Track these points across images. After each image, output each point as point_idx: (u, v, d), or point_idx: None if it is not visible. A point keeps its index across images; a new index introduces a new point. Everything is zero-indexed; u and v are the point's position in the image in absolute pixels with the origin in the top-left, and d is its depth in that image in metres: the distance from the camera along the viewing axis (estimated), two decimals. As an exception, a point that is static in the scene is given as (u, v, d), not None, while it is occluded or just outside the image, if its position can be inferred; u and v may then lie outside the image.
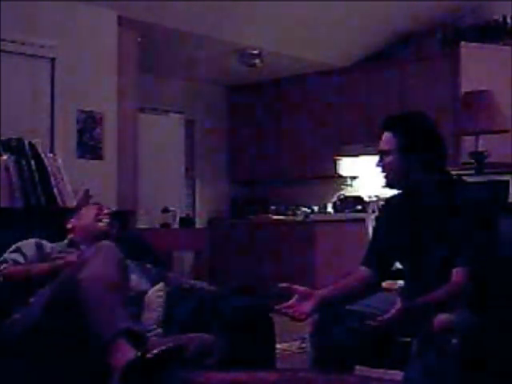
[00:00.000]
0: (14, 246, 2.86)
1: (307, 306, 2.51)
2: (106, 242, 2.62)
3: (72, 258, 2.69)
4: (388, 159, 2.63)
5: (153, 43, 6.61)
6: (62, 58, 5.76)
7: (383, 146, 2.66)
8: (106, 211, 3.11)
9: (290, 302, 2.53)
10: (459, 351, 2.32)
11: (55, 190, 3.49)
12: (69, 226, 3.08)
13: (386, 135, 2.65)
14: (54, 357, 2.35)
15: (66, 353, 2.35)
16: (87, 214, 3.08)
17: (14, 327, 2.51)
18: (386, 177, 2.67)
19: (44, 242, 2.94)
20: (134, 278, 2.91)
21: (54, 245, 2.97)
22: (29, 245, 2.88)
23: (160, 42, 6.77)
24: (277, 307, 2.50)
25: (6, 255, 2.82)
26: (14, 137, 3.55)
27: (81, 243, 2.97)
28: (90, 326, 2.30)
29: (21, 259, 2.81)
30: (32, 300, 2.58)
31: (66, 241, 3.03)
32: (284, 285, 2.56)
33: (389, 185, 2.70)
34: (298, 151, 8.18)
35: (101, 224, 3.05)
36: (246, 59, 7.47)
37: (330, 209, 7.98)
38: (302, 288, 2.56)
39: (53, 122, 5.74)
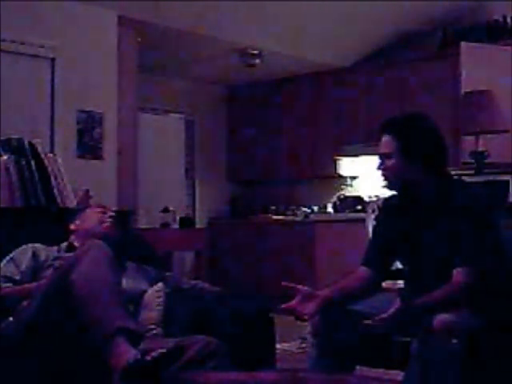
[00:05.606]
0: (10, 255, 2.84)
1: (310, 307, 2.51)
2: (95, 241, 2.59)
3: None
4: (389, 162, 2.63)
5: (153, 43, 6.61)
6: (61, 58, 5.76)
7: (384, 149, 2.65)
8: (110, 214, 3.08)
9: (293, 302, 2.53)
10: (459, 351, 2.32)
11: (55, 190, 3.47)
12: (72, 227, 3.06)
13: (386, 138, 2.65)
14: (52, 358, 2.34)
15: (64, 353, 2.35)
16: (91, 217, 3.06)
17: (8, 329, 2.50)
18: (386, 180, 2.67)
19: (40, 247, 2.91)
20: (133, 279, 2.90)
21: (50, 249, 2.94)
22: (25, 254, 2.85)
23: (160, 42, 6.77)
24: (280, 307, 2.50)
25: (2, 265, 2.81)
26: (14, 137, 3.54)
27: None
28: (86, 326, 2.30)
29: (15, 272, 2.78)
30: (25, 303, 2.56)
31: (65, 243, 3.01)
32: (287, 284, 2.56)
33: (390, 188, 2.70)
34: (298, 151, 8.18)
35: (104, 226, 3.03)
36: (246, 59, 7.46)
37: (330, 209, 7.97)
38: (304, 288, 2.56)
39: (53, 122, 5.74)
